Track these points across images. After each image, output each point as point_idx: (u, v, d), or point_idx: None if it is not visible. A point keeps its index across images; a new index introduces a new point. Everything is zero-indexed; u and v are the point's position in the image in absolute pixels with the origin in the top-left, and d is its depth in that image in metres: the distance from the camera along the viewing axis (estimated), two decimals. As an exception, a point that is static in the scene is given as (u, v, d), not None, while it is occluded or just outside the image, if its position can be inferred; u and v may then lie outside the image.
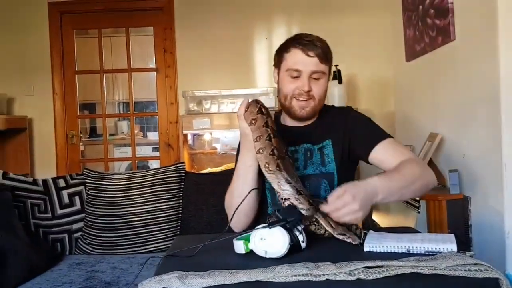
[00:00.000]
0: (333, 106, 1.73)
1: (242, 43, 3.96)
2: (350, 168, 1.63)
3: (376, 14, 3.86)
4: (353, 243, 1.25)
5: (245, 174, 1.48)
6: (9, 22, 3.98)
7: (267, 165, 1.32)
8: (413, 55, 2.73)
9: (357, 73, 3.90)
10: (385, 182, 1.33)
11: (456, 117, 2.28)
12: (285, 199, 1.30)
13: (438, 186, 2.34)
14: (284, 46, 1.57)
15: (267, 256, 1.18)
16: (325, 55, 1.53)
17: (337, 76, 3.56)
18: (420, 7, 2.54)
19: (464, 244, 2.09)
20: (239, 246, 1.23)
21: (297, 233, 1.20)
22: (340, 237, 1.26)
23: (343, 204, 1.20)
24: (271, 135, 1.35)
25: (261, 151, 1.34)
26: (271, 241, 1.17)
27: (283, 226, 1.19)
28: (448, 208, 2.12)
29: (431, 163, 2.41)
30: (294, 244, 1.19)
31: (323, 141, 1.59)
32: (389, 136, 1.56)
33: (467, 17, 2.12)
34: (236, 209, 1.41)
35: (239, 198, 1.43)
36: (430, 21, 2.41)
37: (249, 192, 1.45)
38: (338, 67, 3.58)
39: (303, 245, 1.21)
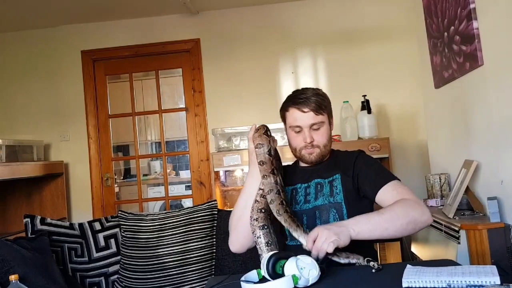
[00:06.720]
0: (346, 150, 1.86)
1: (268, 79, 4.01)
2: (361, 202, 1.71)
3: (401, 42, 3.87)
4: (359, 261, 1.43)
5: (250, 185, 1.67)
6: (44, 70, 4.15)
7: (278, 211, 1.54)
8: (442, 82, 2.70)
9: (387, 103, 3.88)
10: (359, 218, 1.46)
11: (490, 142, 2.22)
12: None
13: (478, 215, 2.27)
14: (284, 106, 1.78)
15: (310, 283, 1.27)
16: (319, 107, 1.70)
17: (366, 106, 3.54)
18: (445, 34, 2.52)
19: (509, 275, 1.99)
20: (286, 283, 1.24)
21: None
22: (346, 261, 1.43)
23: (317, 236, 1.35)
24: (280, 190, 1.58)
25: (272, 201, 1.56)
26: (309, 267, 1.29)
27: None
28: (490, 238, 2.04)
29: (468, 191, 2.34)
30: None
31: (333, 175, 1.73)
32: (395, 178, 1.66)
33: (494, 41, 2.09)
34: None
35: (243, 210, 1.65)
36: (457, 47, 2.39)
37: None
38: (367, 97, 3.58)
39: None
